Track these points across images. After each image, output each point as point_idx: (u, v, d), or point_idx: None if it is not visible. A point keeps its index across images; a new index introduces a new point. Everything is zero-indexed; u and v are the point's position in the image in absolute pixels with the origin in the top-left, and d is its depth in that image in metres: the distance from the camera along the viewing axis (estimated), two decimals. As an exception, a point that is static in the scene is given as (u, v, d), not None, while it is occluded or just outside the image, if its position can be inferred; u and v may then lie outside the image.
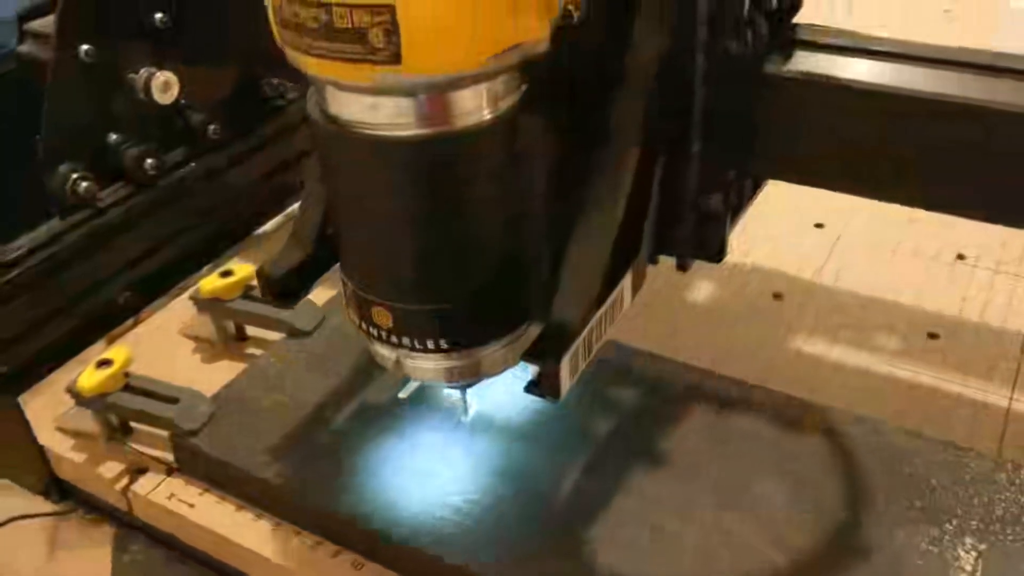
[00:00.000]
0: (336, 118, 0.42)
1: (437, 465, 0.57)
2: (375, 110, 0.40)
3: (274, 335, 0.69)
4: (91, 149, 0.72)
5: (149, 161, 0.73)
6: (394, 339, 0.46)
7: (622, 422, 0.59)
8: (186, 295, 0.74)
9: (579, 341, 0.44)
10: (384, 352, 0.48)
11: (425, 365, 0.48)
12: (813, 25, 0.51)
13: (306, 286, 0.52)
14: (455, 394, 0.61)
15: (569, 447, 0.58)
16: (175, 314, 0.75)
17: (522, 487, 0.55)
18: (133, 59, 0.71)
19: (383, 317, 0.46)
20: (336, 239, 0.48)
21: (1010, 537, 0.51)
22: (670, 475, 0.55)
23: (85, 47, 0.68)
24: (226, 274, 0.69)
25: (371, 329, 0.47)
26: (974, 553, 0.50)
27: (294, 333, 0.68)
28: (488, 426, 0.60)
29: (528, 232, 0.45)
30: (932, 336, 0.69)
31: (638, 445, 0.57)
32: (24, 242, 0.69)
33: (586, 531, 0.53)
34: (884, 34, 0.49)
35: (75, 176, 0.70)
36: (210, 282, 0.69)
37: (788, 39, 0.50)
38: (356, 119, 0.41)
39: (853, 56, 0.49)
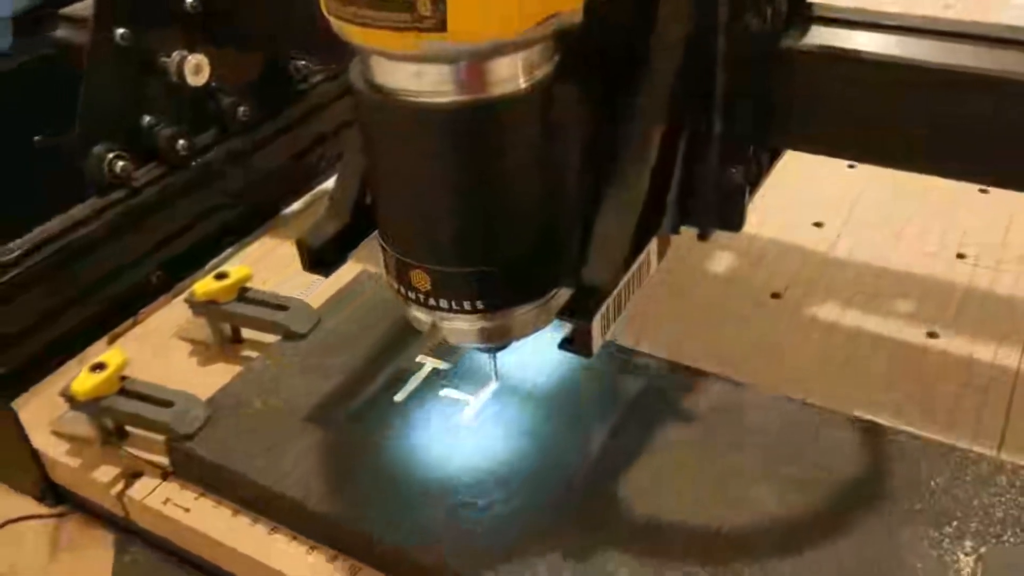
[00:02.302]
0: (379, 87, 0.44)
1: (434, 468, 0.57)
2: (418, 78, 0.42)
3: (270, 338, 0.69)
4: (126, 130, 0.73)
5: (181, 142, 0.75)
6: (432, 301, 0.48)
7: (629, 419, 0.59)
8: (181, 298, 0.74)
9: (609, 301, 0.47)
10: (421, 315, 0.50)
11: (461, 326, 0.50)
12: (827, 4, 0.52)
13: (343, 255, 0.54)
14: (453, 393, 0.61)
15: (570, 446, 0.58)
16: (170, 317, 0.75)
17: (519, 490, 0.55)
18: (166, 42, 0.73)
19: (422, 280, 0.48)
20: (375, 207, 0.50)
21: (1010, 539, 0.50)
22: (658, 489, 0.55)
23: (120, 31, 0.70)
24: (221, 276, 0.69)
25: (409, 293, 0.49)
26: (974, 556, 0.50)
27: (289, 336, 0.67)
28: (485, 428, 0.59)
29: (561, 197, 0.47)
30: (931, 335, 0.69)
31: (639, 447, 0.57)
32: (34, 235, 0.70)
33: (593, 538, 0.52)
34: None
35: (111, 156, 0.72)
36: (205, 285, 0.69)
37: (804, 15, 0.52)
38: (399, 87, 0.43)
39: (868, 30, 0.51)
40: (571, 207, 0.48)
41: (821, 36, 0.51)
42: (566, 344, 0.47)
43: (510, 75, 0.43)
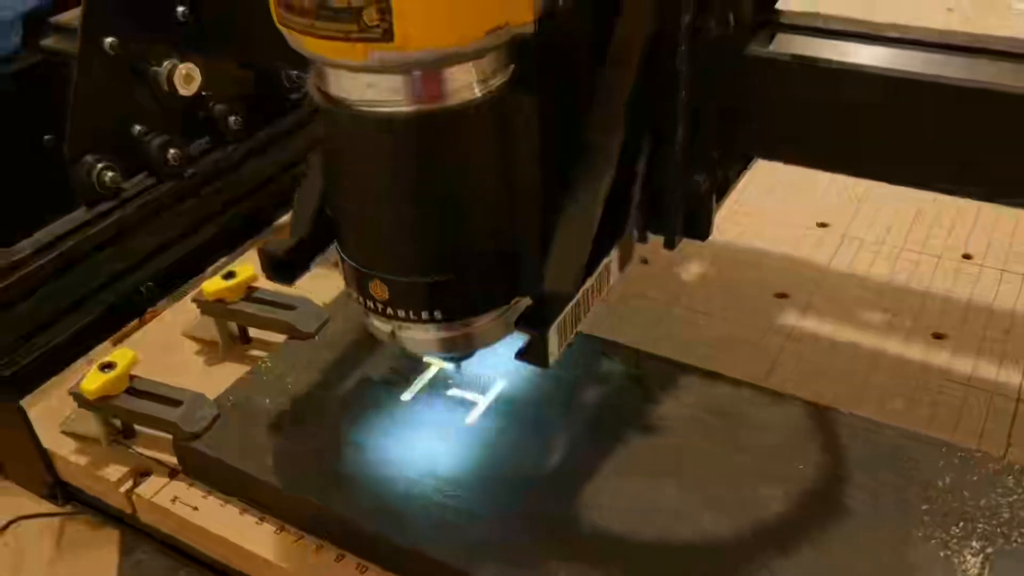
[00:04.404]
0: (332, 96, 0.44)
1: (441, 468, 0.57)
2: (369, 88, 0.42)
3: (278, 337, 0.69)
4: (115, 140, 0.73)
5: (172, 152, 0.74)
6: (390, 311, 0.48)
7: (624, 418, 0.59)
8: (189, 297, 0.74)
9: (567, 311, 0.46)
10: (381, 325, 0.50)
11: (420, 336, 0.49)
12: (794, 12, 0.52)
13: (305, 263, 0.54)
14: (460, 393, 0.61)
15: (572, 442, 0.58)
16: (179, 316, 0.75)
17: (527, 488, 0.55)
18: (156, 51, 0.72)
19: (380, 290, 0.47)
20: (335, 218, 0.49)
21: (1018, 540, 0.50)
22: (668, 479, 0.55)
23: (109, 40, 0.69)
24: (229, 276, 0.69)
25: (368, 302, 0.49)
26: (981, 556, 0.50)
27: (297, 335, 0.67)
28: (493, 427, 0.59)
29: (519, 206, 0.47)
30: (938, 336, 0.69)
31: (640, 442, 0.57)
32: (42, 236, 0.70)
33: (593, 531, 0.52)
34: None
35: (100, 167, 0.71)
36: (213, 284, 0.69)
37: (771, 22, 0.51)
38: (351, 97, 0.43)
39: (835, 39, 0.50)
40: (529, 216, 0.47)
41: (787, 44, 0.50)
42: (522, 355, 0.46)
43: (463, 84, 0.42)
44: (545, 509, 0.54)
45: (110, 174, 0.71)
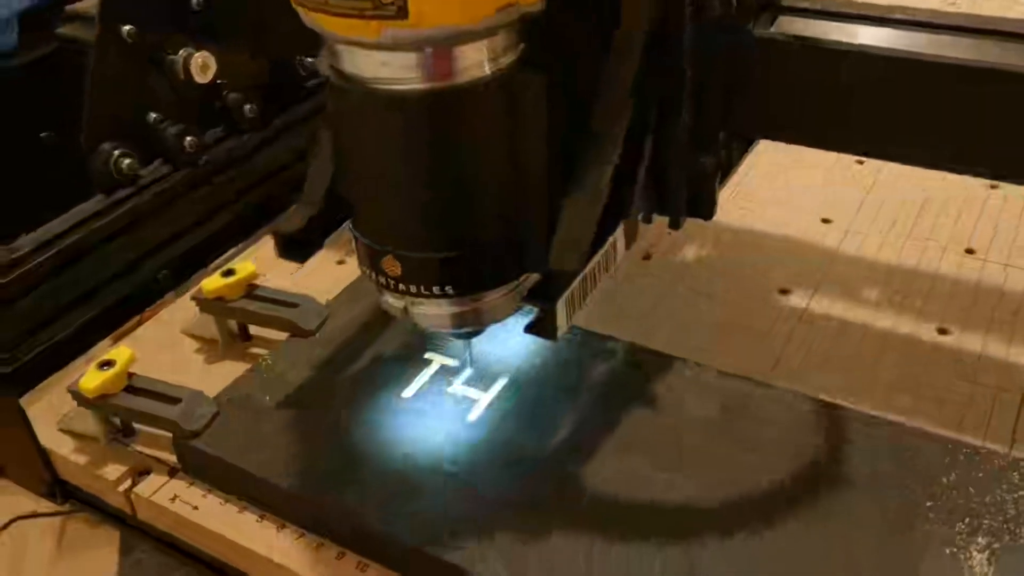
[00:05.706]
0: (345, 74, 0.44)
1: (442, 465, 0.57)
2: (383, 65, 0.43)
3: (278, 335, 0.69)
4: (132, 128, 0.73)
5: (188, 140, 0.75)
6: (403, 287, 0.49)
7: (636, 414, 0.59)
8: (188, 295, 0.74)
9: (575, 285, 0.47)
10: (393, 301, 0.51)
11: (432, 311, 0.50)
12: None
13: (318, 241, 0.54)
14: (461, 389, 0.61)
15: (577, 436, 0.58)
16: (178, 314, 0.75)
17: (530, 483, 0.55)
18: (172, 39, 0.73)
19: (393, 266, 0.48)
20: (347, 196, 0.50)
21: (1023, 537, 0.50)
22: (676, 474, 0.55)
23: (127, 28, 0.70)
24: (228, 273, 0.69)
25: (381, 279, 0.49)
26: (987, 553, 0.49)
27: (298, 332, 0.67)
28: (493, 422, 0.59)
29: (528, 183, 0.48)
30: (942, 331, 0.68)
31: (645, 441, 0.57)
32: (46, 230, 0.70)
33: (595, 533, 0.52)
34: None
35: (117, 154, 0.71)
36: (212, 282, 0.68)
37: (773, 4, 0.52)
38: (364, 74, 0.44)
39: (836, 20, 0.52)
40: (539, 193, 0.48)
41: (789, 25, 0.51)
42: (531, 328, 0.48)
43: (473, 62, 0.43)
44: (546, 503, 0.54)
45: (127, 161, 0.72)
